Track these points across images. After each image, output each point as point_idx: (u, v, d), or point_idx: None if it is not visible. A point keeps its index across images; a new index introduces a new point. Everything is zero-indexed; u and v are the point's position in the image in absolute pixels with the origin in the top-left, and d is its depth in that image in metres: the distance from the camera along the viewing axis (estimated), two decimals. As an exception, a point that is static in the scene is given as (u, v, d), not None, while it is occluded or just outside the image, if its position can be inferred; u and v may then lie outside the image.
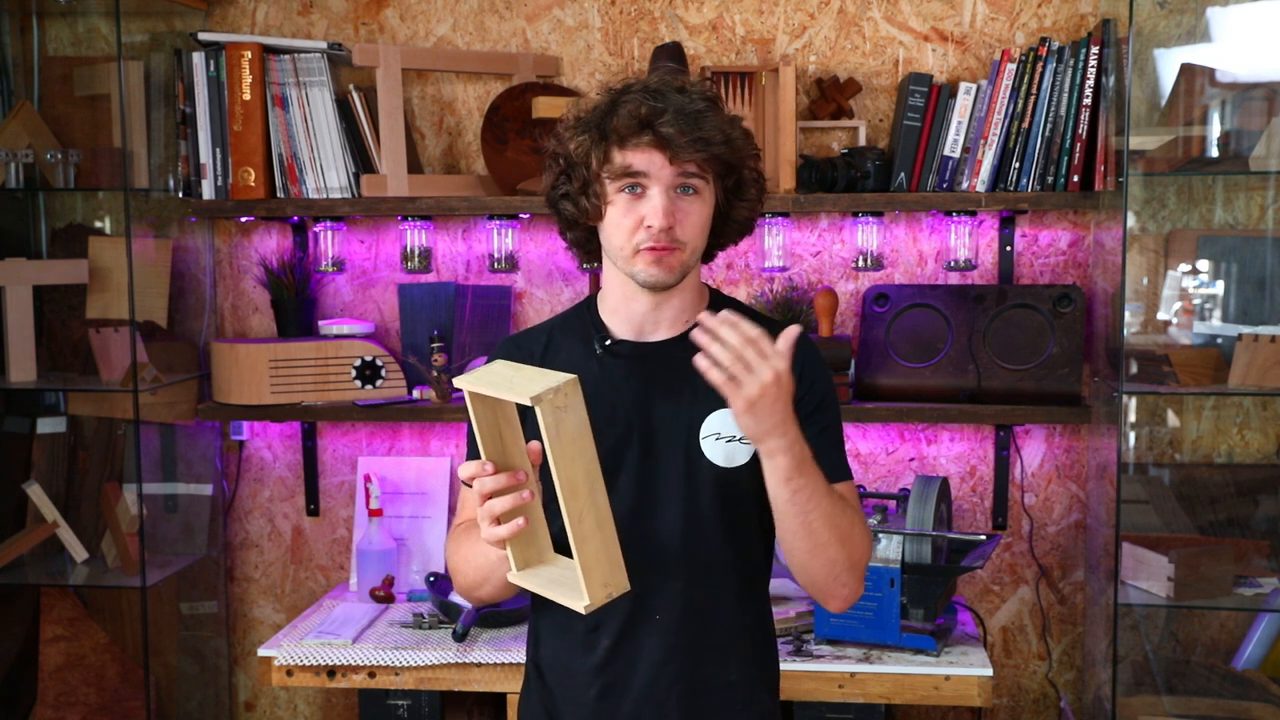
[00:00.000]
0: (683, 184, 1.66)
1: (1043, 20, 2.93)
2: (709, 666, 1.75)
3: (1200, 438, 2.98)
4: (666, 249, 1.66)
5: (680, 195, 1.66)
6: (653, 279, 1.68)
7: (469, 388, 1.55)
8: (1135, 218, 2.92)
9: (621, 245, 1.68)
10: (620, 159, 1.65)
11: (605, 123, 1.66)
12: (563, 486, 1.49)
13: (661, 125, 1.62)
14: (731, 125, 1.69)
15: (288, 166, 2.95)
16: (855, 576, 1.70)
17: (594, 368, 1.75)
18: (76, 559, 3.09)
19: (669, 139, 1.62)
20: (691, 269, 1.72)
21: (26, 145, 3.01)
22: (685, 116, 1.63)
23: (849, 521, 1.66)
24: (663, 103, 1.64)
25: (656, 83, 1.67)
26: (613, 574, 1.54)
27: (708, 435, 1.72)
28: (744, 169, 1.72)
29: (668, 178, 1.65)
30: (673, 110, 1.63)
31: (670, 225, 1.65)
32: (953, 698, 2.55)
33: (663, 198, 1.65)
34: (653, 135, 1.63)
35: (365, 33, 3.11)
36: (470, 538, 1.74)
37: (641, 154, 1.64)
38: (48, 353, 3.15)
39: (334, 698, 3.24)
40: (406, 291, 3.10)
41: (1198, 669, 2.91)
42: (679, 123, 1.62)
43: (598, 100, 1.70)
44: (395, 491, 3.10)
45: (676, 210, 1.66)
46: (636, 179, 1.65)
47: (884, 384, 2.91)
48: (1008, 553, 3.05)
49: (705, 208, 1.69)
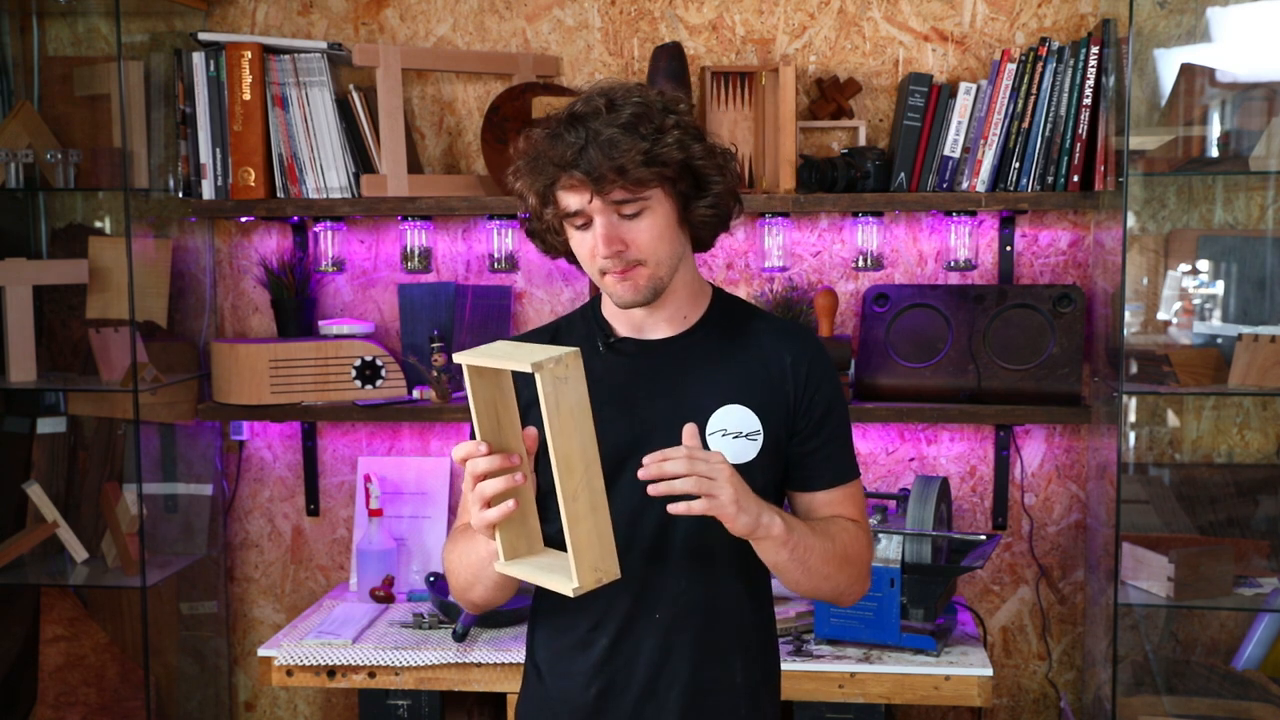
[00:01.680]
0: (618, 212, 1.65)
1: (1043, 20, 2.93)
2: (710, 667, 1.75)
3: (1200, 438, 2.98)
4: (627, 269, 1.67)
5: (623, 220, 1.66)
6: (623, 301, 1.71)
7: (469, 361, 1.53)
8: (1135, 218, 2.92)
9: (590, 271, 1.72)
10: (559, 199, 1.68)
11: (538, 163, 1.67)
12: (559, 462, 1.48)
13: (578, 165, 1.62)
14: (659, 133, 1.64)
15: (288, 166, 2.95)
16: (861, 583, 1.78)
17: (598, 366, 1.75)
18: (76, 559, 3.09)
19: (589, 174, 1.62)
20: (666, 279, 1.71)
21: (26, 145, 3.01)
22: (601, 146, 1.61)
23: (843, 544, 1.73)
24: (581, 135, 1.62)
25: (581, 107, 1.66)
26: (604, 559, 1.53)
27: (713, 432, 1.72)
28: (693, 166, 1.68)
29: (602, 208, 1.65)
30: (591, 142, 1.61)
31: (620, 250, 1.65)
32: (953, 698, 2.55)
33: (603, 228, 1.65)
34: (575, 173, 1.63)
35: (365, 33, 3.11)
36: (464, 537, 1.74)
37: (572, 194, 1.65)
38: (48, 353, 3.15)
39: (334, 698, 3.24)
40: (406, 291, 3.10)
41: (1198, 669, 2.91)
42: (597, 154, 1.61)
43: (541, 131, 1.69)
44: (395, 491, 3.10)
45: (624, 233, 1.66)
46: (577, 215, 1.67)
47: (884, 384, 2.91)
48: (1008, 553, 3.05)
49: (657, 220, 1.67)
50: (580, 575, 1.51)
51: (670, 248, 1.70)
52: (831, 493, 1.78)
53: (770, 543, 1.63)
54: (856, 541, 1.76)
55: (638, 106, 1.65)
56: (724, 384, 1.74)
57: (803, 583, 1.70)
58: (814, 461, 1.77)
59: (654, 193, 1.66)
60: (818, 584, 1.72)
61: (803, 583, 1.70)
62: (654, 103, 1.67)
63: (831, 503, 1.78)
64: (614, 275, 1.68)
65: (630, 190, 1.63)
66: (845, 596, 1.78)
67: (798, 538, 1.65)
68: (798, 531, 1.65)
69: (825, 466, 1.77)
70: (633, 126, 1.63)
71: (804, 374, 1.75)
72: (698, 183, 1.70)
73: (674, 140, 1.65)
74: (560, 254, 1.78)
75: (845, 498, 1.79)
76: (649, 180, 1.64)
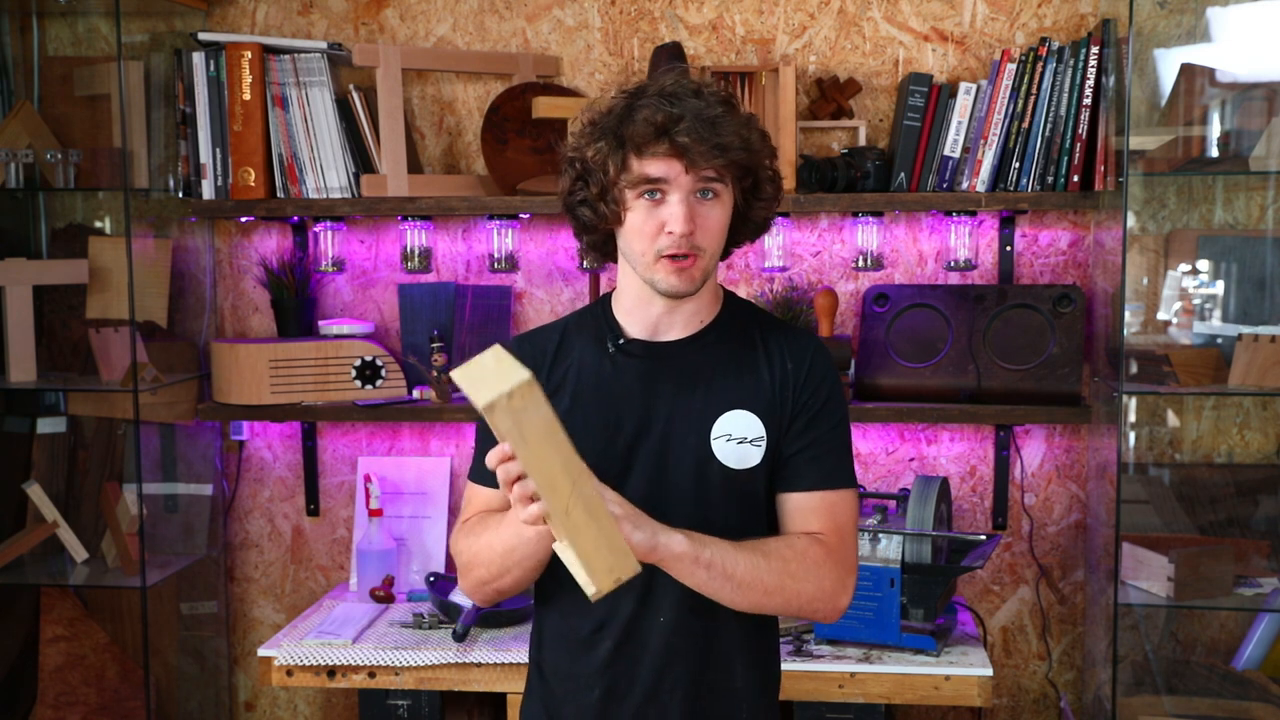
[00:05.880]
0: (702, 189, 1.65)
1: (1043, 20, 2.93)
2: (713, 671, 1.75)
3: (1200, 438, 2.98)
4: (687, 256, 1.66)
5: (700, 200, 1.66)
6: (672, 289, 1.68)
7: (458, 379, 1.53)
8: (1135, 218, 2.92)
9: (643, 251, 1.68)
10: (638, 167, 1.65)
11: (621, 129, 1.65)
12: (541, 486, 1.46)
13: (679, 133, 1.61)
14: (748, 127, 1.67)
15: (288, 166, 2.95)
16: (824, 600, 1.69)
17: (606, 367, 1.75)
18: (76, 559, 3.09)
19: (686, 147, 1.61)
20: (710, 273, 1.72)
21: (26, 145, 3.01)
22: (702, 122, 1.62)
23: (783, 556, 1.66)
24: (679, 108, 1.62)
25: (672, 86, 1.66)
26: (617, 559, 1.50)
27: (719, 436, 1.72)
28: (761, 169, 1.71)
29: (687, 184, 1.64)
30: (690, 116, 1.62)
31: (691, 230, 1.64)
32: (953, 698, 2.55)
33: (683, 204, 1.64)
34: (670, 143, 1.62)
35: (365, 33, 3.11)
36: (489, 526, 1.71)
37: (660, 162, 1.64)
38: (48, 353, 3.15)
39: (334, 698, 3.24)
40: (406, 291, 3.10)
41: (1198, 669, 2.91)
42: (696, 129, 1.61)
43: (612, 103, 1.68)
44: (395, 491, 3.10)
45: (697, 215, 1.65)
46: (656, 185, 1.65)
47: (884, 384, 2.91)
48: (1008, 553, 3.05)
49: (724, 211, 1.69)
50: (597, 580, 1.49)
51: (721, 243, 1.71)
52: (810, 497, 1.72)
53: (681, 564, 1.59)
54: (804, 557, 1.67)
55: (728, 99, 1.67)
56: (731, 389, 1.73)
57: (739, 599, 1.64)
58: (798, 462, 1.73)
59: (728, 182, 1.68)
60: (759, 599, 1.65)
61: (739, 599, 1.64)
62: (737, 101, 1.70)
63: (806, 510, 1.72)
64: (670, 261, 1.66)
65: (718, 172, 1.64)
66: (807, 614, 1.70)
67: (711, 554, 1.60)
68: (711, 547, 1.61)
69: (809, 468, 1.72)
70: (730, 112, 1.65)
71: (801, 378, 1.74)
72: (755, 187, 1.72)
73: (756, 138, 1.68)
74: (597, 234, 1.74)
75: (824, 506, 1.72)
76: (738, 164, 1.66)
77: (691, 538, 1.60)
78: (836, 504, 1.73)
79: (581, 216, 1.74)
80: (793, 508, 1.73)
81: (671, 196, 1.65)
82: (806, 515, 1.72)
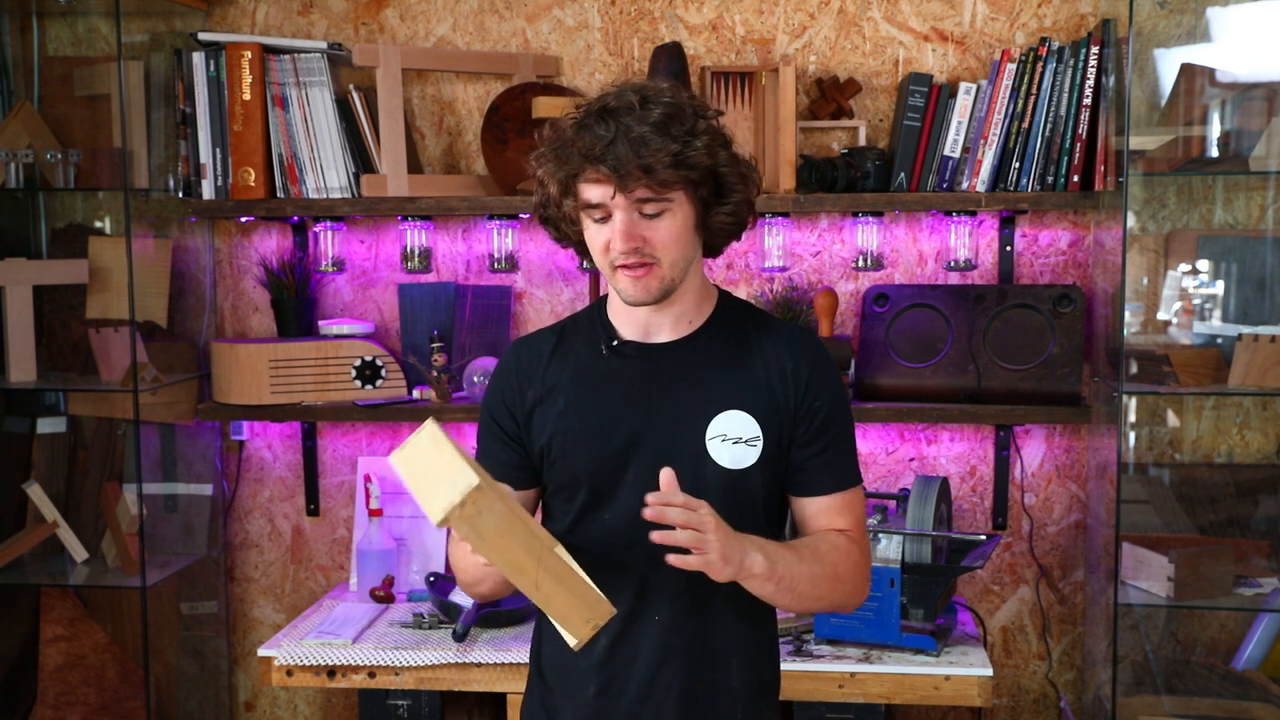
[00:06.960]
0: (640, 210, 1.65)
1: (1043, 20, 2.93)
2: (708, 670, 1.76)
3: (1200, 438, 2.98)
4: (641, 266, 1.66)
5: (643, 216, 1.66)
6: (631, 298, 1.70)
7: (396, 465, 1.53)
8: (1135, 218, 2.92)
9: (601, 264, 1.70)
10: (580, 191, 1.67)
11: (565, 152, 1.66)
12: (508, 572, 1.49)
13: (605, 158, 1.61)
14: (691, 135, 1.64)
15: (288, 166, 2.95)
16: (856, 596, 1.78)
17: (601, 368, 1.76)
18: (76, 559, 3.09)
19: (615, 170, 1.61)
20: (677, 281, 1.71)
21: (26, 145, 3.01)
22: (632, 143, 1.60)
23: (833, 563, 1.72)
24: (611, 129, 1.61)
25: (614, 102, 1.65)
26: (591, 609, 1.55)
27: (714, 437, 1.72)
28: (717, 172, 1.69)
29: (623, 204, 1.64)
30: (621, 138, 1.61)
31: (636, 246, 1.65)
32: (953, 698, 2.55)
33: (623, 223, 1.65)
34: (602, 168, 1.62)
35: (365, 33, 3.11)
36: None
37: (594, 187, 1.65)
38: (48, 353, 3.15)
39: (334, 698, 3.24)
40: (406, 291, 3.10)
41: (1198, 669, 2.91)
42: (625, 151, 1.60)
43: (563, 122, 1.68)
44: (395, 491, 3.10)
45: (644, 230, 1.65)
46: (597, 208, 1.66)
47: (884, 384, 2.91)
48: (1008, 553, 3.05)
49: (676, 222, 1.67)
50: (576, 632, 1.55)
51: (685, 251, 1.70)
52: (830, 499, 1.77)
53: (754, 581, 1.64)
54: (848, 558, 1.75)
55: (670, 107, 1.64)
56: (725, 389, 1.73)
57: (793, 606, 1.72)
58: (813, 467, 1.76)
59: (677, 195, 1.66)
60: (809, 605, 1.74)
61: (793, 606, 1.72)
62: (686, 105, 1.67)
63: (829, 510, 1.77)
64: (625, 271, 1.67)
65: (654, 190, 1.63)
66: (841, 609, 1.80)
67: (782, 569, 1.65)
68: (781, 563, 1.65)
69: (825, 473, 1.77)
70: (664, 127, 1.62)
71: (805, 380, 1.74)
72: (719, 189, 1.70)
73: (703, 145, 1.65)
74: (572, 244, 1.78)
75: (844, 505, 1.78)
76: (674, 182, 1.64)
77: (767, 555, 1.64)
78: (853, 501, 1.79)
79: (549, 231, 1.79)
80: (815, 510, 1.78)
81: (615, 215, 1.65)
82: (831, 515, 1.78)
